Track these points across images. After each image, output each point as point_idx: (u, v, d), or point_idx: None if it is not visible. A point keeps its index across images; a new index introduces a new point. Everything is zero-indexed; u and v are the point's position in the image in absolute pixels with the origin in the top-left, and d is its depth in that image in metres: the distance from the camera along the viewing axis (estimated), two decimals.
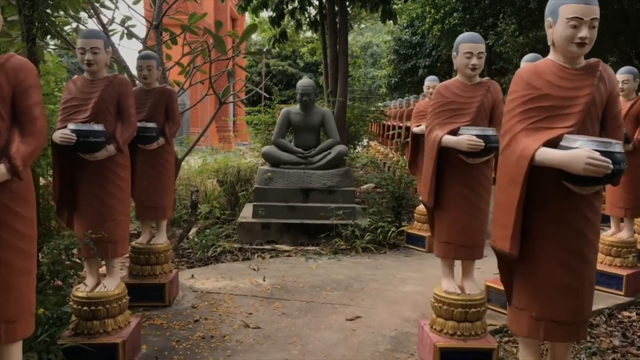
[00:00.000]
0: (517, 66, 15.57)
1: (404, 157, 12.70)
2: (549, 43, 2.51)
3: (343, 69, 9.64)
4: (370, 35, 43.71)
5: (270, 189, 7.37)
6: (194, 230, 7.48)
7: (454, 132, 3.44)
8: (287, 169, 7.48)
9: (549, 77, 2.43)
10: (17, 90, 2.45)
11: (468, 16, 13.11)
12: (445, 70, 23.93)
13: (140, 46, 6.45)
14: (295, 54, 34.99)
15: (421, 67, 22.23)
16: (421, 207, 6.84)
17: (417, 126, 6.67)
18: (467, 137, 3.29)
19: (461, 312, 3.45)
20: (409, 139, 7.32)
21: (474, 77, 3.57)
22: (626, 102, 4.81)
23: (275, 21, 12.80)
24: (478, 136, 3.29)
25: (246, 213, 7.47)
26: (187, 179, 9.12)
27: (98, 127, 3.39)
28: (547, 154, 2.27)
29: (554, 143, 2.31)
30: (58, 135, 3.29)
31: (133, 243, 4.77)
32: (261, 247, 6.70)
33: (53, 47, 6.79)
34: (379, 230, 6.71)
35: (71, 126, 3.35)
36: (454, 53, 3.58)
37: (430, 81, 6.74)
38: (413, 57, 22.64)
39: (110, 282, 3.56)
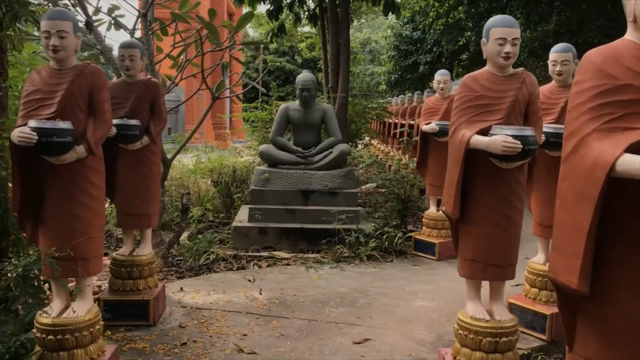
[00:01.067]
0: (522, 64, 15.11)
1: (407, 156, 12.22)
2: (629, 19, 1.95)
3: (344, 63, 9.14)
4: (369, 32, 43.18)
5: (267, 191, 6.87)
6: (185, 234, 6.98)
7: (484, 132, 2.94)
8: (285, 170, 6.98)
9: (630, 63, 1.89)
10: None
11: (473, 10, 12.60)
12: (446, 67, 23.45)
13: (128, 38, 5.95)
14: (294, 49, 34.42)
15: (422, 63, 21.72)
16: (431, 212, 6.35)
17: (427, 124, 6.17)
18: (502, 138, 2.80)
19: (491, 341, 2.96)
20: (416, 138, 6.83)
21: (507, 68, 3.08)
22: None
23: (273, 14, 12.29)
24: (514, 137, 2.80)
25: (242, 216, 6.97)
26: (180, 179, 8.61)
27: (65, 124, 2.90)
28: (632, 163, 1.73)
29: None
30: (16, 134, 2.81)
31: (114, 254, 4.26)
32: (257, 254, 6.20)
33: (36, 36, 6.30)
34: (384, 236, 6.21)
35: (32, 124, 2.84)
36: (483, 40, 3.09)
37: (441, 75, 6.24)
38: (414, 53, 22.12)
39: (80, 306, 3.05)
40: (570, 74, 3.95)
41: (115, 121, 3.97)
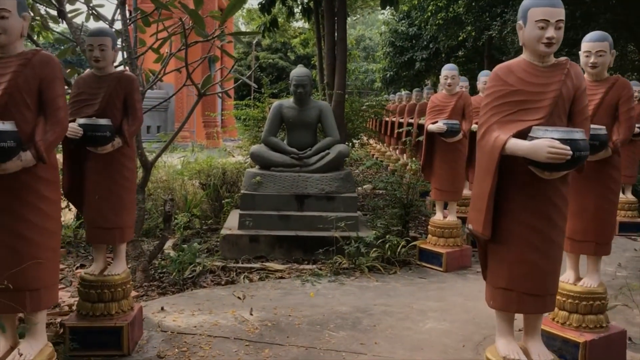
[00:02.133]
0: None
1: (405, 156, 11.71)
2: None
3: (341, 58, 8.60)
4: (363, 29, 42.66)
5: (259, 196, 6.34)
6: (170, 242, 6.43)
7: (522, 135, 2.43)
8: (278, 172, 6.46)
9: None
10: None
11: (474, 3, 12.10)
12: (442, 64, 22.94)
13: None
14: (287, 46, 33.86)
15: (418, 60, 21.19)
16: (437, 219, 5.84)
17: (433, 123, 5.65)
18: (548, 143, 2.28)
19: None
20: (420, 138, 6.32)
21: (548, 57, 2.56)
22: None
23: (265, 8, 11.75)
24: (562, 140, 2.29)
25: (231, 223, 6.44)
26: (166, 182, 8.06)
27: (5, 125, 2.51)
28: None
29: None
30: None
31: (82, 273, 3.72)
32: (248, 265, 5.67)
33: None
34: (387, 245, 5.69)
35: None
36: (519, 22, 2.57)
37: (448, 70, 5.72)
38: (409, 50, 21.59)
39: (29, 348, 2.52)
40: (606, 66, 3.44)
41: (82, 120, 3.45)
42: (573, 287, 3.51)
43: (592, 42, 3.39)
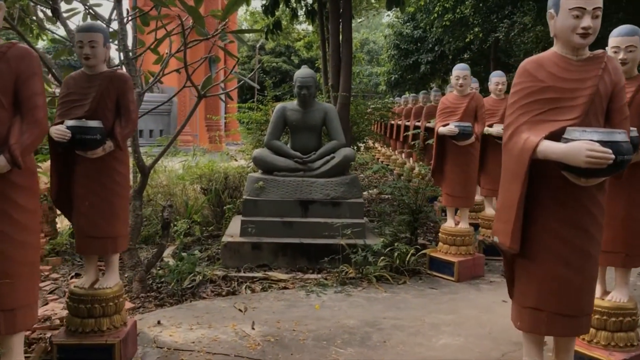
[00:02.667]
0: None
1: (412, 159, 11.44)
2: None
3: (346, 59, 8.37)
4: (367, 32, 42.46)
5: (262, 201, 6.09)
6: (170, 249, 6.19)
7: (555, 136, 2.17)
8: (282, 177, 6.21)
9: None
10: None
11: (482, 4, 11.85)
12: (448, 66, 22.68)
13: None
14: (290, 49, 33.68)
15: (423, 63, 20.94)
16: (448, 226, 5.58)
17: (444, 125, 5.39)
18: (587, 146, 2.03)
19: None
20: (430, 141, 6.07)
21: (583, 49, 2.31)
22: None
23: (269, 10, 11.55)
24: (603, 143, 2.03)
25: (233, 229, 6.19)
26: (166, 186, 7.82)
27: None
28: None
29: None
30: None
31: (72, 286, 3.47)
32: (251, 274, 5.42)
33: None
34: (395, 253, 5.43)
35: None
36: (550, 11, 2.32)
37: (460, 70, 5.46)
38: (414, 53, 21.34)
39: None
40: (637, 63, 3.18)
41: (70, 122, 3.22)
42: (601, 301, 3.24)
43: (621, 37, 3.13)
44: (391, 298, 4.81)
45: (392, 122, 12.48)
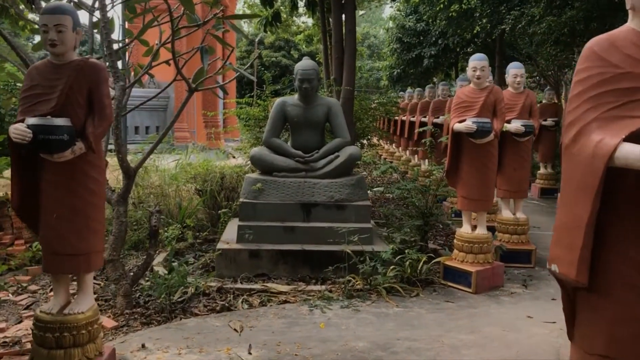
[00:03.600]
0: (547, 53, 13.76)
1: (417, 157, 10.95)
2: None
3: (350, 51, 7.87)
4: (368, 26, 41.90)
5: (260, 204, 5.62)
6: (161, 256, 5.72)
7: (636, 137, 1.69)
8: (282, 178, 5.74)
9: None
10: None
11: None
12: (450, 61, 22.14)
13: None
14: (290, 44, 33.11)
15: (426, 57, 20.38)
16: (464, 232, 5.09)
17: (461, 121, 4.90)
18: None
19: None
20: (443, 139, 5.59)
21: None
22: None
23: (267, 1, 11.03)
24: None
25: (229, 235, 5.71)
26: (159, 187, 7.33)
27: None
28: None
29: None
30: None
31: (37, 311, 3.00)
32: (248, 285, 4.94)
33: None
34: (407, 262, 4.95)
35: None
36: None
37: (477, 61, 4.97)
38: (417, 46, 20.77)
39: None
40: None
41: (32, 120, 2.74)
42: None
43: None
44: (404, 314, 4.34)
45: (399, 117, 11.96)
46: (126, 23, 5.90)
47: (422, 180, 7.40)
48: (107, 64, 4.39)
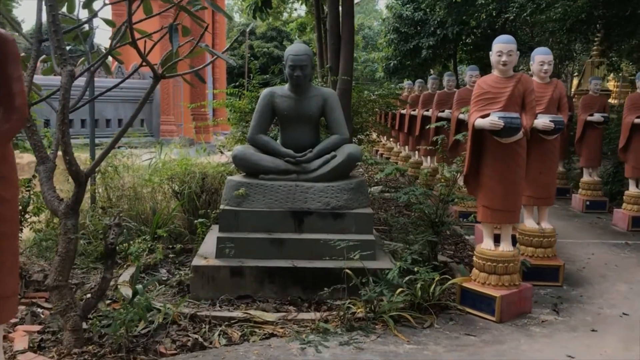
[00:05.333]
0: (560, 42, 12.92)
1: (418, 153, 10.14)
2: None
3: (347, 37, 7.03)
4: (362, 17, 40.96)
5: (244, 212, 4.81)
6: (127, 273, 4.89)
7: None
8: (269, 181, 4.93)
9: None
10: None
11: None
12: (449, 53, 21.31)
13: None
14: (282, 34, 32.16)
15: (424, 47, 19.54)
16: (486, 248, 4.28)
17: (484, 116, 4.08)
18: None
19: None
20: (459, 137, 4.78)
21: None
22: None
23: None
24: None
25: (208, 247, 4.89)
26: (132, 190, 6.48)
27: None
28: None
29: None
30: None
31: None
32: (228, 313, 4.13)
33: None
34: (418, 285, 4.14)
35: None
36: None
37: (503, 43, 4.09)
38: (415, 37, 19.92)
39: None
40: None
41: None
42: None
43: None
44: (417, 353, 3.52)
45: (397, 111, 11.13)
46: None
47: (426, 180, 6.60)
48: (54, 44, 3.56)
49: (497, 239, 4.40)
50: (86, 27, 4.15)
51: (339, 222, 4.82)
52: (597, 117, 8.21)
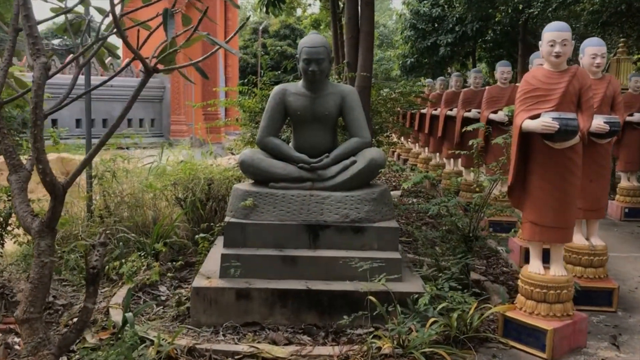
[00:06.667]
0: (588, 36, 12.21)
1: (444, 156, 9.51)
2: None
3: (367, 29, 6.43)
4: (377, 15, 40.24)
5: (252, 226, 4.24)
6: (121, 293, 4.34)
7: None
8: (281, 190, 4.35)
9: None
10: None
11: None
12: (467, 50, 20.62)
13: None
14: (295, 32, 31.58)
15: (443, 44, 18.87)
16: (534, 272, 3.65)
17: (534, 117, 3.45)
18: None
19: None
20: (498, 140, 4.17)
21: None
22: None
23: None
24: None
25: (211, 264, 4.33)
26: (132, 197, 5.94)
27: None
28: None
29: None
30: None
31: None
32: (232, 346, 3.56)
33: None
34: (454, 315, 3.54)
35: None
36: None
37: (556, 31, 3.45)
38: (433, 33, 19.26)
39: None
40: None
41: None
42: None
43: None
44: None
45: (420, 110, 10.46)
46: None
47: (458, 186, 5.99)
48: (26, 31, 3.01)
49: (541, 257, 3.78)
50: (80, 18, 3.61)
51: (359, 237, 4.23)
52: (637, 117, 7.53)
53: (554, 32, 3.49)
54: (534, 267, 3.65)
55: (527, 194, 3.63)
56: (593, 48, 4.27)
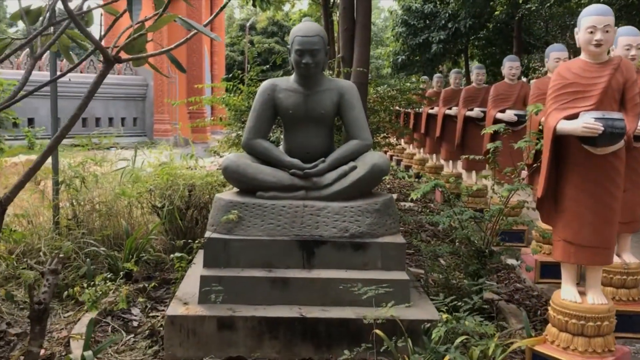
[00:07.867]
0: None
1: (439, 159, 8.99)
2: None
3: (363, 20, 5.88)
4: None
5: (236, 242, 3.67)
6: (86, 318, 3.74)
7: None
8: (270, 200, 3.78)
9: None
10: None
11: None
12: (459, 48, 20.15)
13: None
14: (284, 29, 30.99)
15: (435, 42, 18.37)
16: (568, 300, 3.11)
17: (570, 117, 2.91)
18: None
19: None
20: (521, 144, 3.63)
21: None
22: None
23: None
24: None
25: (190, 286, 3.76)
26: (104, 205, 5.32)
27: None
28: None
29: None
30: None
31: None
32: None
33: None
34: (476, 351, 2.99)
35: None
36: None
37: (598, 16, 2.92)
38: (425, 30, 18.76)
39: None
40: None
41: None
42: None
43: None
44: None
45: (411, 110, 9.96)
46: None
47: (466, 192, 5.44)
48: None
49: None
50: (35, 5, 3.01)
51: (360, 254, 3.68)
52: None
53: (594, 17, 2.94)
54: (568, 293, 3.11)
55: (560, 208, 3.09)
56: (627, 38, 3.73)
